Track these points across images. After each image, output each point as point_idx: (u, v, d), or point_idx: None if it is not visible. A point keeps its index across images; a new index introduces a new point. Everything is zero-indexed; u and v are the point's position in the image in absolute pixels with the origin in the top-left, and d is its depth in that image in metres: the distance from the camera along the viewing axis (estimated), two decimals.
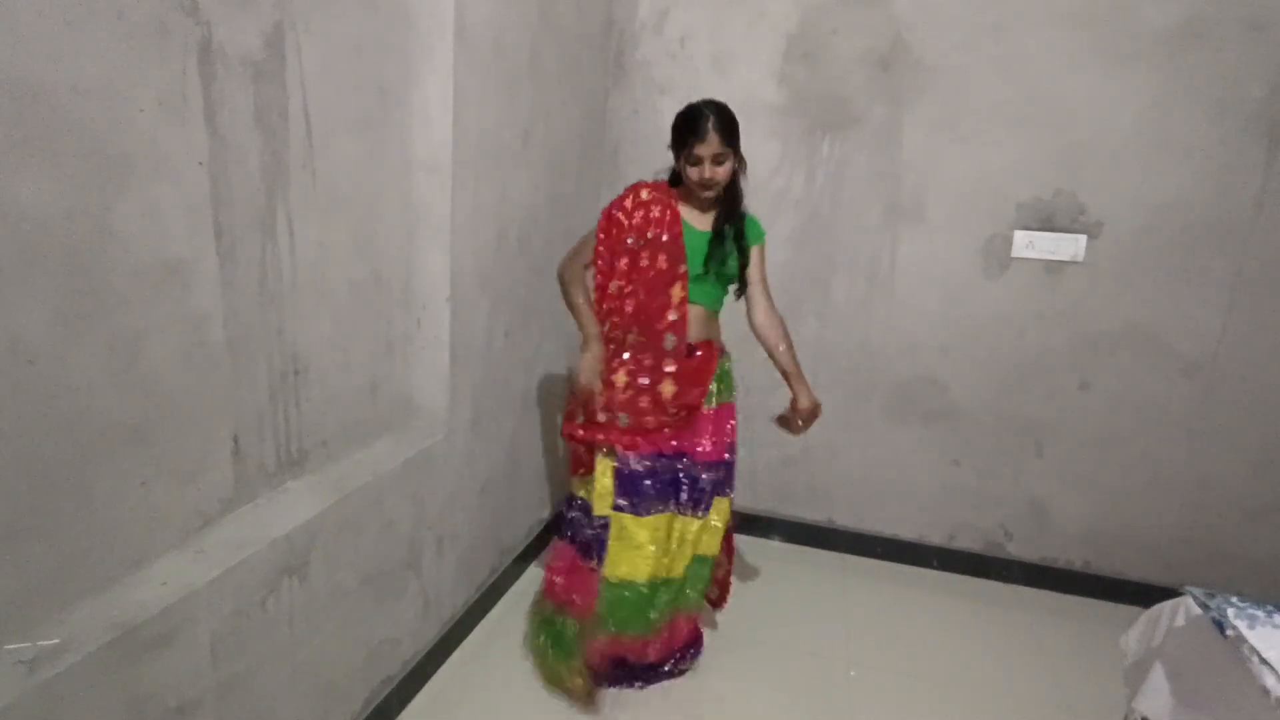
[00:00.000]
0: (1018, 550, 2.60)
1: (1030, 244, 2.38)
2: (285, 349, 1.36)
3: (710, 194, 1.79)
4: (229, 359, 1.23)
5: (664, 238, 1.80)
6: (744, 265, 1.86)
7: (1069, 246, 2.36)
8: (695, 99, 2.61)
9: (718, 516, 1.91)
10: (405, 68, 1.62)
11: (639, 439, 1.81)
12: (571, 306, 1.87)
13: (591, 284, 1.89)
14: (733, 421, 1.95)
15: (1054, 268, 2.38)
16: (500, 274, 2.01)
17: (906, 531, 2.69)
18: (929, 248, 2.48)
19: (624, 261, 1.82)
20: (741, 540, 2.65)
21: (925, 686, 2.02)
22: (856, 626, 2.28)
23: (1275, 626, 1.31)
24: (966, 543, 2.65)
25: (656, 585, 1.83)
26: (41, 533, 0.96)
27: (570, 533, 1.92)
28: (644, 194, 1.83)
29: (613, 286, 1.84)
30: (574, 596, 1.83)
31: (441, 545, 1.86)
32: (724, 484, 1.92)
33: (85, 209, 0.96)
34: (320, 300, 1.43)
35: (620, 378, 1.83)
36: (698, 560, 1.90)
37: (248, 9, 1.18)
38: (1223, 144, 2.20)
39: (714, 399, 1.91)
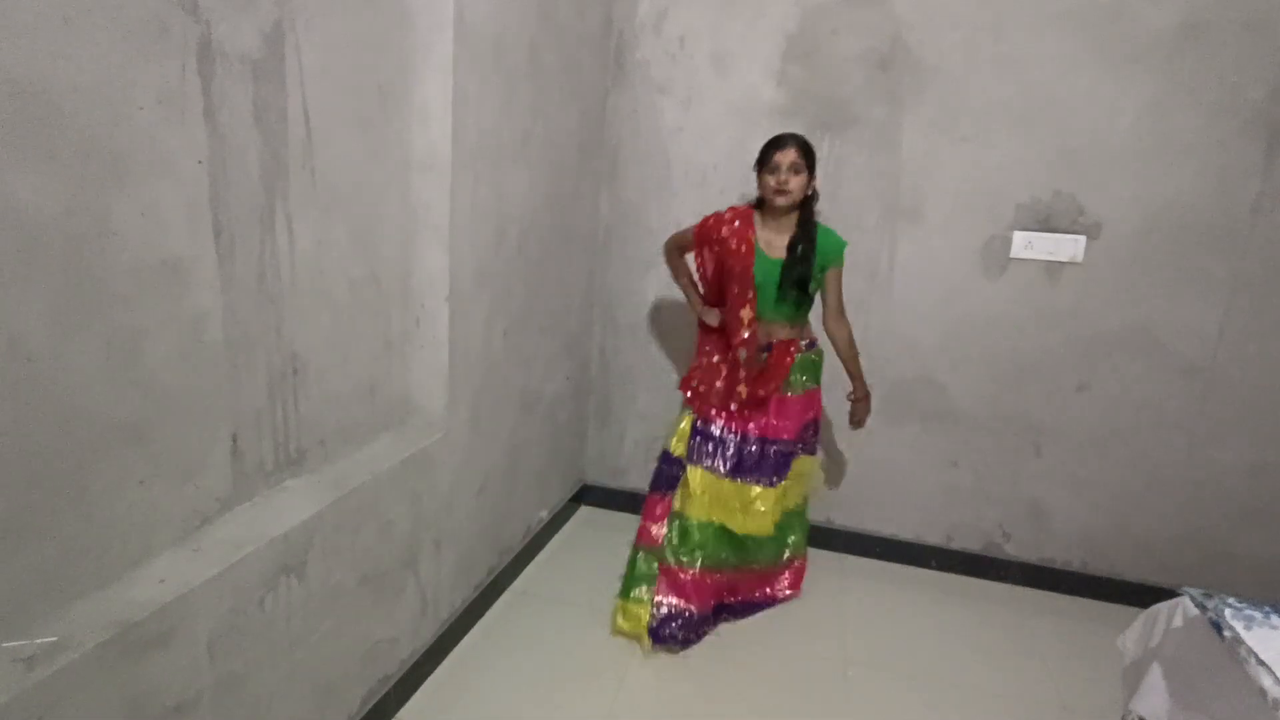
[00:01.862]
0: (1016, 550, 2.60)
1: (1029, 245, 2.39)
2: (284, 348, 1.36)
3: (783, 201, 2.01)
4: (227, 358, 1.23)
5: (737, 269, 2.07)
6: (806, 280, 2.07)
7: (1068, 247, 2.36)
8: (694, 99, 2.64)
9: (794, 482, 2.22)
10: (405, 67, 1.62)
11: (722, 414, 2.16)
12: (677, 284, 2.34)
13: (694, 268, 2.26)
14: (813, 413, 2.26)
15: (1053, 268, 2.39)
16: (499, 273, 2.01)
17: (905, 531, 2.69)
18: (928, 248, 2.48)
19: (710, 269, 2.17)
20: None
21: (923, 686, 2.02)
22: (854, 626, 2.28)
23: (1272, 627, 1.31)
24: (964, 543, 2.65)
25: (713, 528, 2.14)
26: (40, 531, 0.96)
27: (663, 485, 2.24)
28: (724, 231, 2.10)
29: (718, 302, 2.23)
30: (658, 533, 2.19)
31: (440, 545, 1.86)
32: (804, 449, 2.25)
33: (84, 207, 0.96)
34: (319, 299, 1.43)
35: (713, 361, 2.22)
36: (777, 524, 2.20)
37: (247, 7, 1.18)
38: (1221, 145, 2.20)
39: (798, 388, 2.19)
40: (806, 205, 2.07)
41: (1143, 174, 2.27)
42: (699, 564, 2.12)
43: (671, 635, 2.07)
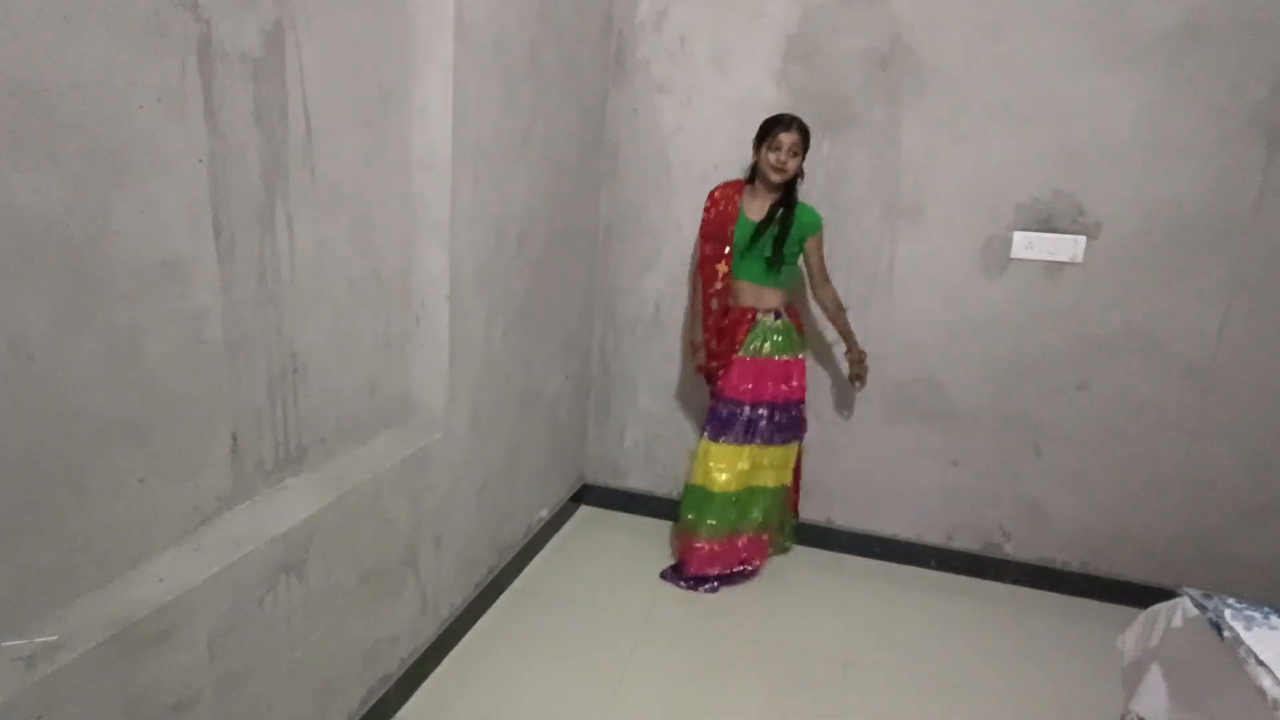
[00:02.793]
0: (1015, 550, 2.61)
1: (1029, 245, 2.39)
2: (284, 346, 1.36)
3: (779, 179, 2.22)
4: (227, 356, 1.23)
5: (722, 226, 2.31)
6: (782, 241, 2.26)
7: (1068, 247, 2.36)
8: (694, 98, 2.65)
9: (783, 457, 2.43)
10: (405, 66, 1.62)
11: (725, 387, 2.37)
12: (695, 300, 2.51)
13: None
14: (796, 380, 2.40)
15: (1053, 268, 2.39)
16: (499, 272, 2.01)
17: (905, 531, 2.69)
18: (928, 248, 2.48)
19: (705, 230, 2.37)
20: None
21: (922, 686, 2.02)
22: (854, 626, 2.28)
23: (1272, 628, 1.31)
24: (964, 543, 2.65)
25: (718, 496, 2.38)
26: (40, 529, 0.96)
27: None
28: (716, 194, 2.36)
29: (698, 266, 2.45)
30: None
31: (439, 543, 1.86)
32: (792, 428, 2.43)
33: (84, 206, 0.96)
34: (319, 298, 1.43)
35: (698, 328, 2.48)
36: (760, 491, 2.43)
37: (248, 6, 1.18)
38: (1222, 145, 2.20)
39: (778, 351, 2.36)
40: (791, 183, 2.27)
41: (1143, 174, 2.27)
42: (718, 533, 2.39)
43: (706, 588, 2.42)
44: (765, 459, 2.40)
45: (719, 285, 2.34)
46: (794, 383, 2.38)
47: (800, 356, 2.40)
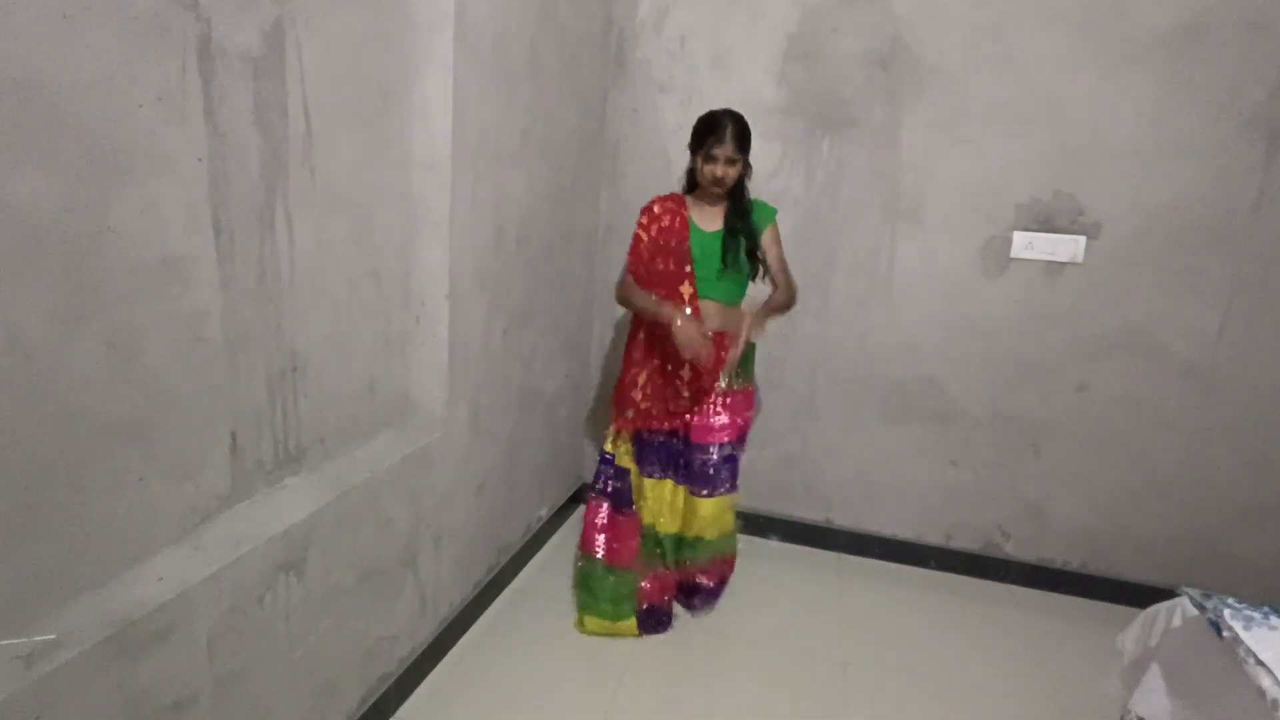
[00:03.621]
0: (1015, 550, 2.61)
1: (1029, 245, 2.39)
2: (283, 346, 1.35)
3: (719, 191, 2.01)
4: (227, 356, 1.23)
5: (674, 244, 2.03)
6: (754, 249, 2.05)
7: (1068, 248, 2.36)
8: (695, 98, 2.64)
9: (728, 505, 2.16)
10: (405, 65, 1.62)
11: (661, 421, 2.10)
12: (642, 310, 2.04)
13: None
14: (749, 413, 2.17)
15: (1053, 269, 2.39)
16: (499, 272, 2.01)
17: (904, 531, 2.69)
18: (928, 248, 2.48)
19: (651, 271, 2.05)
20: (739, 539, 2.64)
21: (922, 686, 2.02)
22: (853, 626, 2.28)
23: (1271, 628, 1.31)
24: (964, 543, 2.65)
25: (674, 538, 2.19)
26: (39, 529, 0.96)
27: (603, 486, 2.18)
28: (655, 209, 2.08)
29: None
30: (615, 545, 2.14)
31: (439, 543, 1.86)
32: (732, 472, 2.15)
33: (84, 205, 0.96)
34: (319, 297, 1.43)
35: (642, 377, 2.09)
36: (713, 539, 2.18)
37: (248, 5, 1.17)
38: (1222, 146, 2.20)
39: (733, 382, 2.09)
40: (737, 185, 2.04)
41: (1143, 174, 2.27)
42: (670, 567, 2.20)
43: (657, 626, 2.16)
44: (708, 509, 2.12)
45: (689, 310, 1.98)
46: (749, 413, 2.19)
47: (753, 381, 2.22)
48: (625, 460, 2.16)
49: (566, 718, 1.80)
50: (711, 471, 2.09)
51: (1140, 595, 2.39)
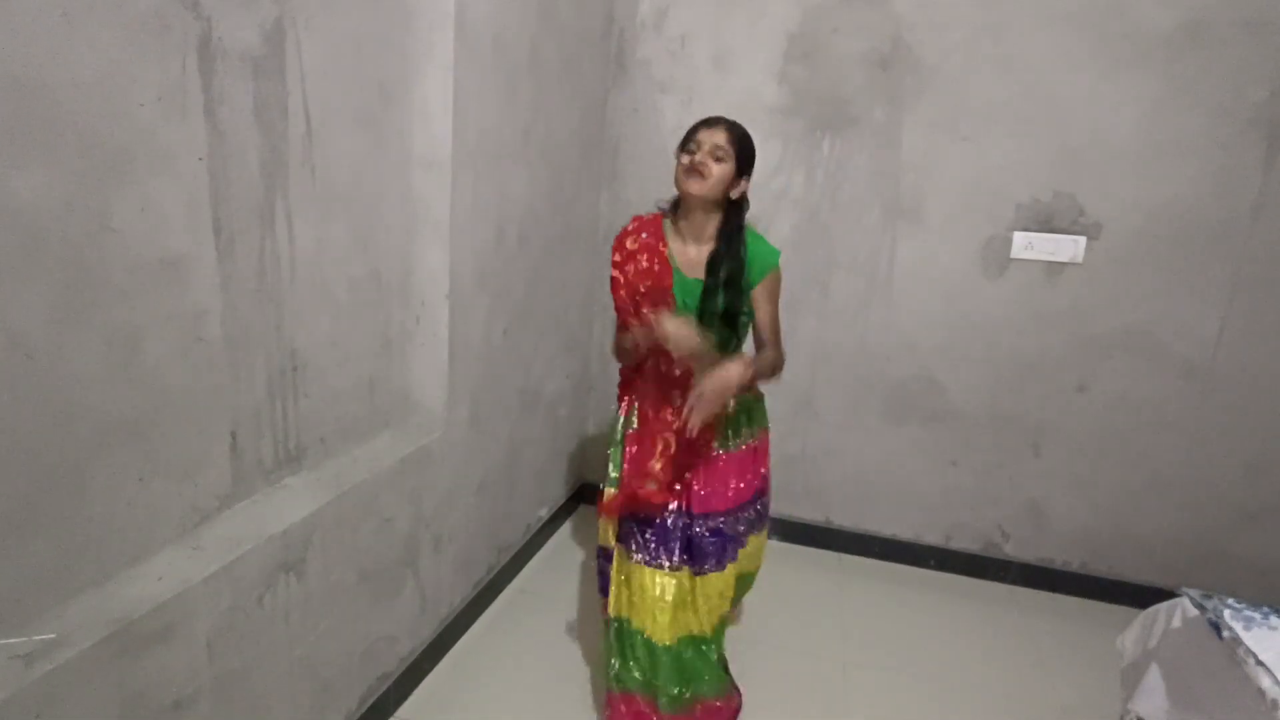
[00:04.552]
0: (1015, 551, 2.61)
1: (1029, 245, 2.39)
2: (284, 345, 1.35)
3: (695, 189, 1.53)
4: (227, 355, 1.23)
5: (653, 289, 1.61)
6: (734, 315, 1.59)
7: (1068, 248, 2.36)
8: (695, 98, 2.64)
9: (748, 560, 1.80)
10: (405, 64, 1.61)
11: (707, 496, 1.67)
12: (635, 348, 1.63)
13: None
14: (763, 469, 1.81)
15: (1053, 269, 2.39)
16: (499, 272, 2.01)
17: (904, 531, 2.69)
18: (928, 248, 2.48)
19: (624, 294, 1.66)
20: None
21: (921, 686, 2.02)
22: (853, 626, 2.28)
23: (1271, 628, 1.31)
24: (964, 543, 2.65)
25: (672, 646, 1.61)
26: (38, 528, 0.96)
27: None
28: (629, 244, 1.65)
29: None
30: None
31: (439, 543, 1.86)
32: (756, 524, 1.81)
33: (84, 203, 0.96)
34: (319, 297, 1.43)
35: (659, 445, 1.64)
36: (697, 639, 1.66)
37: (248, 5, 1.17)
38: (1222, 146, 2.20)
39: (732, 441, 1.71)
40: (735, 212, 1.61)
41: (1143, 174, 2.27)
42: (656, 694, 1.59)
43: None
44: (720, 583, 1.67)
45: (677, 372, 1.62)
46: (763, 469, 1.82)
47: (766, 428, 1.83)
48: (608, 539, 1.76)
49: (566, 717, 1.80)
50: (728, 541, 1.69)
51: (1140, 596, 2.39)
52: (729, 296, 1.58)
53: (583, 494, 2.97)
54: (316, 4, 1.32)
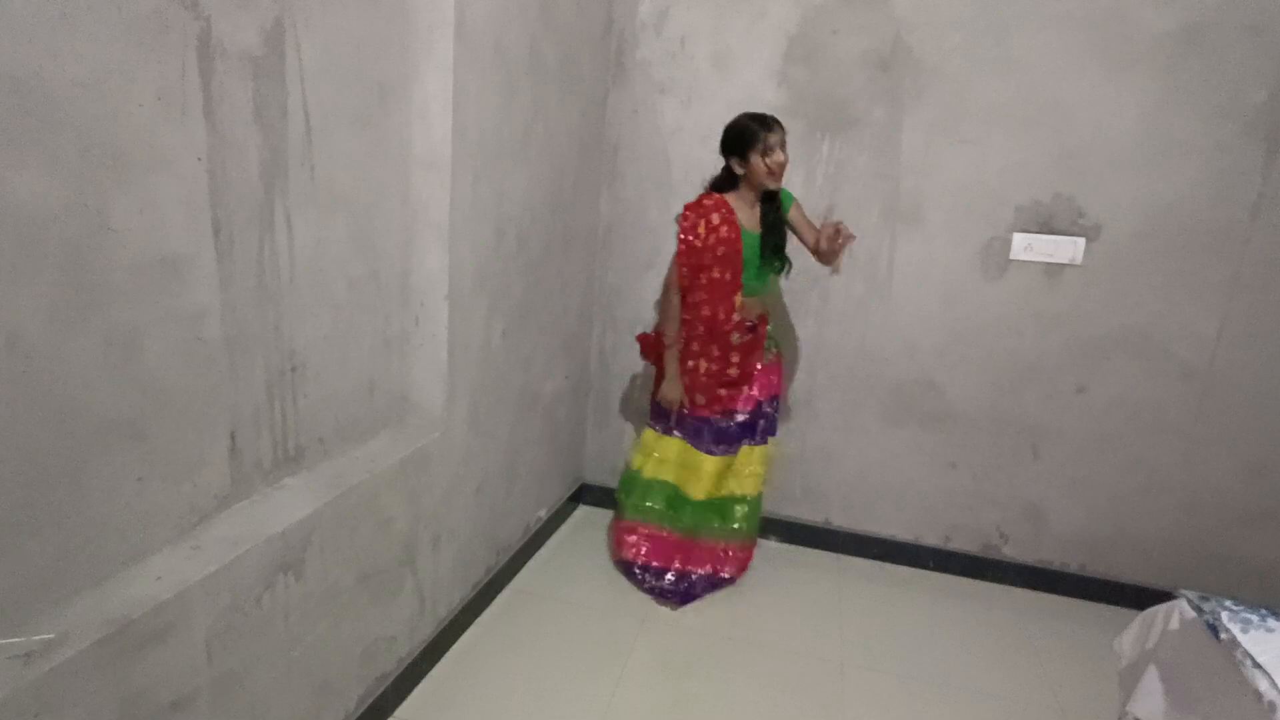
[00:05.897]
0: (1013, 552, 2.61)
1: (1029, 247, 2.39)
2: (283, 345, 1.35)
3: (774, 185, 2.14)
4: (226, 355, 1.23)
5: (725, 252, 2.16)
6: (783, 246, 2.26)
7: (1067, 249, 2.36)
8: (695, 99, 2.65)
9: (758, 462, 2.37)
10: (405, 65, 1.61)
11: (739, 398, 2.32)
12: (665, 341, 2.28)
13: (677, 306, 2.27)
14: (775, 376, 2.39)
15: (1052, 270, 2.39)
16: (498, 272, 2.01)
17: (903, 533, 2.69)
18: (927, 249, 2.48)
19: (702, 277, 2.19)
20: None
21: (920, 687, 2.02)
22: (852, 627, 2.28)
23: (1269, 631, 1.31)
24: (962, 544, 2.65)
25: (669, 488, 2.36)
26: (37, 527, 0.96)
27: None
28: (714, 218, 2.16)
29: (693, 298, 2.24)
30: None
31: (438, 543, 1.86)
32: (767, 430, 2.39)
33: (83, 203, 0.96)
34: (318, 297, 1.43)
35: (703, 364, 2.27)
36: (736, 499, 2.36)
37: (247, 4, 1.17)
38: (1221, 148, 2.20)
39: (768, 355, 2.37)
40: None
41: (1142, 176, 2.27)
42: (663, 521, 2.35)
43: (670, 591, 2.33)
44: (754, 457, 2.38)
45: (736, 318, 2.23)
46: (776, 377, 2.44)
47: (779, 351, 2.49)
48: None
49: (565, 718, 1.80)
50: (752, 426, 2.35)
51: (1138, 597, 2.40)
52: (778, 236, 2.24)
53: (581, 494, 2.97)
54: (316, 4, 1.32)
